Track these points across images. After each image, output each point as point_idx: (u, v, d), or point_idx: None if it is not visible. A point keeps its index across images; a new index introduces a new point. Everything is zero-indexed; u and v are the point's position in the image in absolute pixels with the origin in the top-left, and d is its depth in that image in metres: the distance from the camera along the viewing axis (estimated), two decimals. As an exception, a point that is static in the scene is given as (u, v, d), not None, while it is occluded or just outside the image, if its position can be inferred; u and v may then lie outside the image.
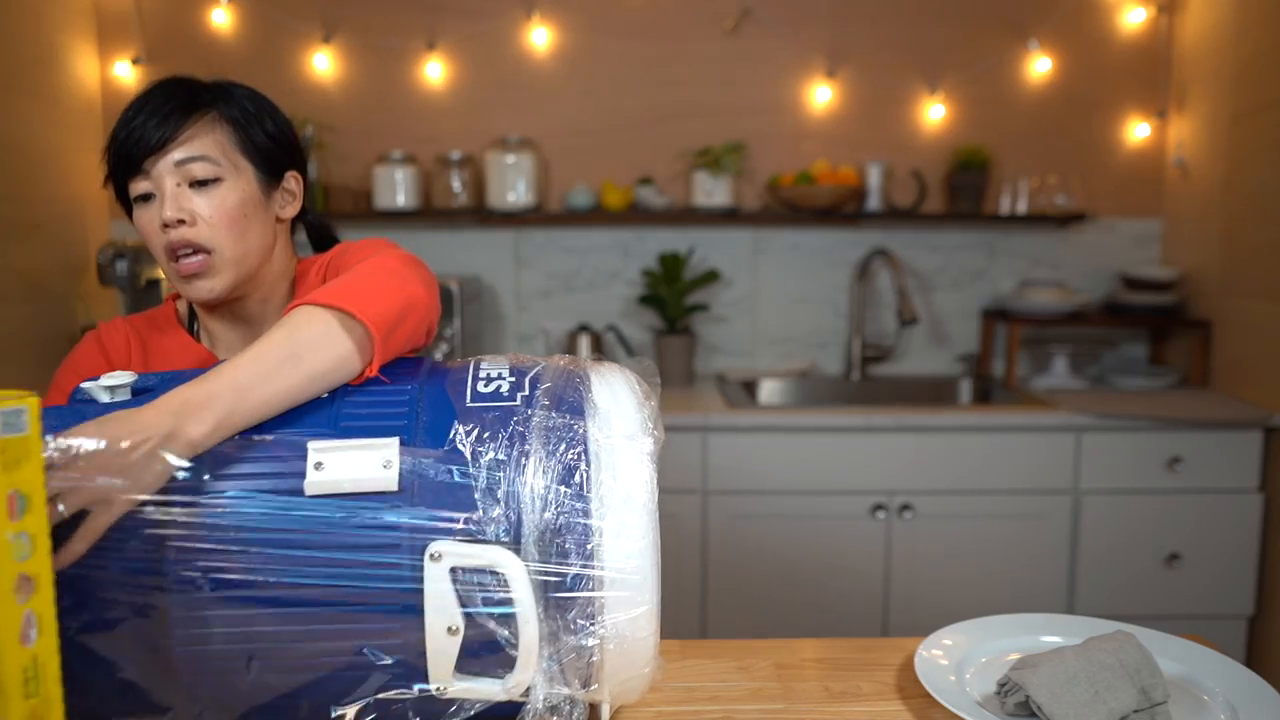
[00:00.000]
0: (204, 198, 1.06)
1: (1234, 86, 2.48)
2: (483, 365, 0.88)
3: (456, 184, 2.69)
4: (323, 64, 2.75)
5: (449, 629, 0.74)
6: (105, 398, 0.82)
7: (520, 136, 2.69)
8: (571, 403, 0.81)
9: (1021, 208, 2.77)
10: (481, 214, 2.72)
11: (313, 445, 0.77)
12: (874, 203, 2.74)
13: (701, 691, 1.00)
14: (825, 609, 2.38)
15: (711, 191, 2.71)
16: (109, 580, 0.73)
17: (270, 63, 2.74)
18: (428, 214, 2.71)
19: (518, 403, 0.81)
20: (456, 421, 0.79)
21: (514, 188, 2.67)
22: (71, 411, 0.80)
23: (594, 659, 0.77)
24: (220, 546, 0.74)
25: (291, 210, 1.17)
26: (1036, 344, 2.86)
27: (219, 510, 0.75)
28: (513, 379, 0.84)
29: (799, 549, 2.35)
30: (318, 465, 0.76)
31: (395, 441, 0.77)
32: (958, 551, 2.36)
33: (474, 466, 0.77)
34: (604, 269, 2.87)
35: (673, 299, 2.73)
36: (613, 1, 2.76)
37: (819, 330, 2.90)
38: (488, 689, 0.77)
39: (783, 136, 2.82)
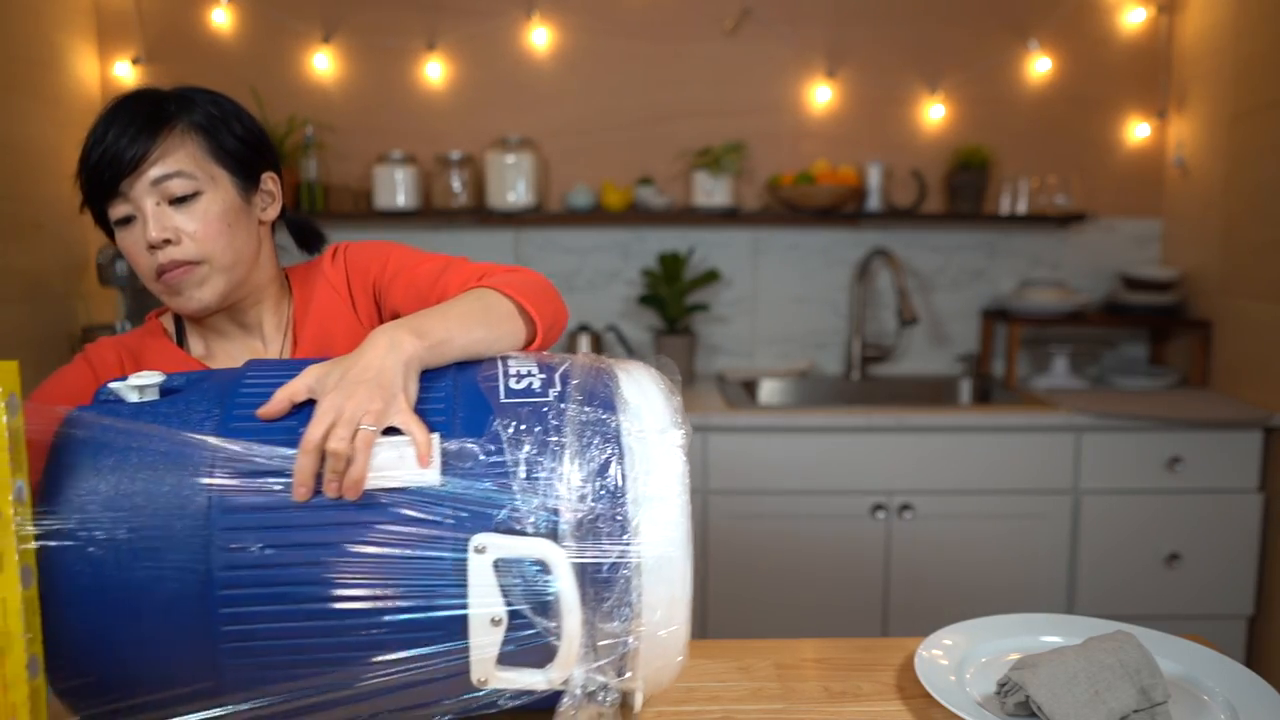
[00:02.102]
0: (185, 214, 1.05)
1: (1234, 86, 2.48)
2: (510, 362, 0.89)
3: (456, 184, 2.69)
4: (323, 64, 2.75)
5: (492, 620, 0.76)
6: (134, 397, 0.82)
7: (520, 136, 2.69)
8: (603, 398, 0.83)
9: (1021, 208, 2.77)
10: (481, 214, 2.72)
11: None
12: (874, 203, 2.74)
13: (701, 691, 1.00)
14: (825, 609, 2.38)
15: (711, 191, 2.71)
16: (153, 573, 0.74)
17: (270, 63, 2.74)
18: (428, 214, 2.71)
19: (550, 398, 0.82)
20: (494, 417, 0.81)
21: (514, 188, 2.67)
22: (92, 411, 0.80)
23: (629, 647, 0.79)
24: (265, 543, 0.74)
25: (273, 212, 1.16)
26: (1036, 344, 2.86)
27: (265, 507, 0.75)
28: (543, 375, 0.86)
29: (799, 549, 2.35)
30: None
31: (436, 437, 0.79)
32: (958, 551, 2.36)
33: (512, 460, 0.78)
34: (604, 269, 2.86)
35: (673, 299, 2.73)
36: (613, 1, 2.76)
37: (819, 330, 2.90)
38: (529, 679, 0.78)
39: (783, 136, 2.82)
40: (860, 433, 2.33)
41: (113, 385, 0.83)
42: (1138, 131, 2.80)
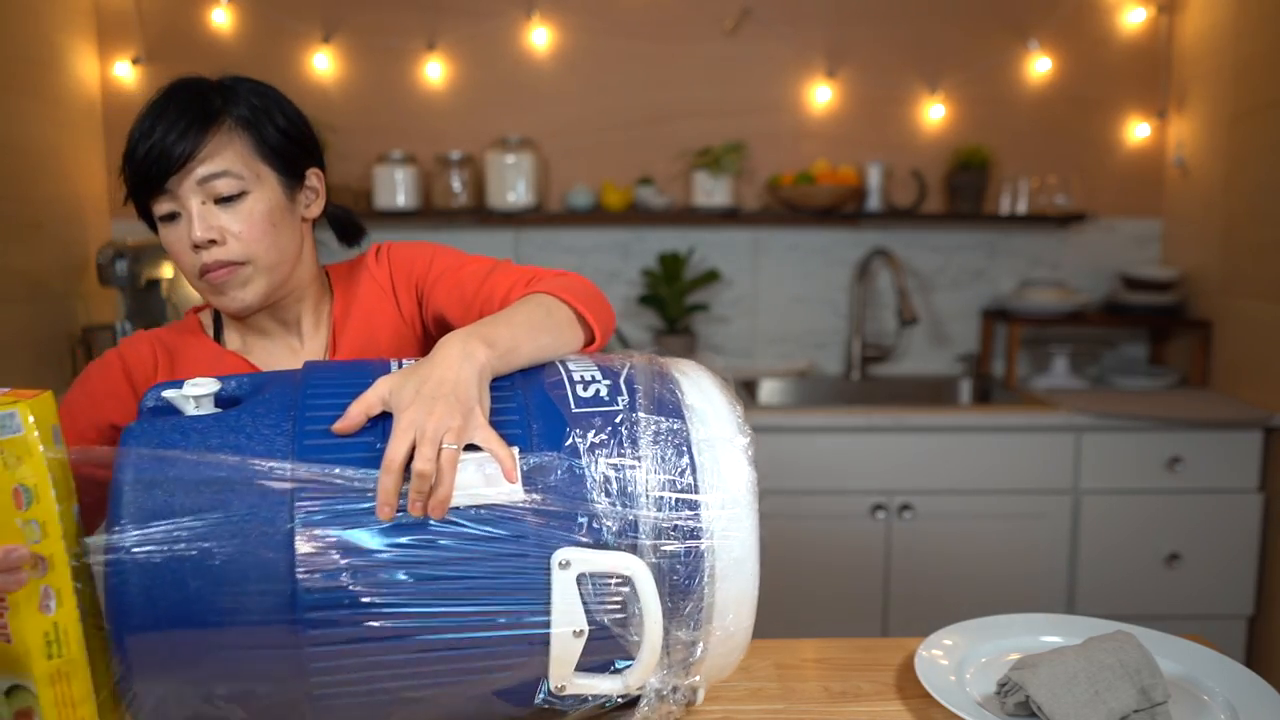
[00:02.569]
0: (231, 213, 1.03)
1: (1234, 86, 2.48)
2: (572, 367, 0.89)
3: (456, 184, 2.69)
4: (323, 64, 2.75)
5: (574, 632, 0.76)
6: (190, 408, 0.81)
7: (520, 136, 2.69)
8: (670, 405, 0.84)
9: (1021, 208, 2.77)
10: (481, 214, 2.72)
11: None
12: (874, 203, 2.74)
13: (701, 691, 1.00)
14: (825, 609, 2.38)
15: (711, 191, 2.71)
16: (239, 598, 0.73)
17: (270, 63, 2.74)
18: (428, 214, 2.71)
19: (620, 407, 0.83)
20: (569, 428, 0.80)
21: (514, 188, 2.67)
22: (153, 426, 0.78)
23: (703, 650, 0.81)
24: (350, 564, 0.73)
25: (316, 209, 1.14)
26: (1036, 344, 2.86)
27: (349, 528, 0.74)
28: (608, 381, 0.86)
29: (799, 549, 2.35)
30: None
31: (516, 451, 0.78)
32: (958, 551, 2.36)
33: (591, 473, 0.78)
34: (604, 269, 2.86)
35: (673, 299, 2.73)
36: (613, 1, 2.76)
37: (819, 330, 2.90)
38: (607, 685, 0.79)
39: (783, 136, 2.82)
40: (860, 433, 2.33)
41: (167, 394, 0.82)
42: (1138, 131, 2.80)
